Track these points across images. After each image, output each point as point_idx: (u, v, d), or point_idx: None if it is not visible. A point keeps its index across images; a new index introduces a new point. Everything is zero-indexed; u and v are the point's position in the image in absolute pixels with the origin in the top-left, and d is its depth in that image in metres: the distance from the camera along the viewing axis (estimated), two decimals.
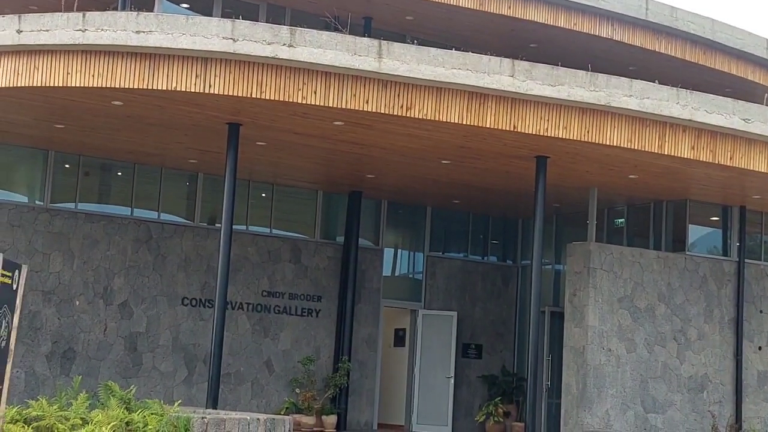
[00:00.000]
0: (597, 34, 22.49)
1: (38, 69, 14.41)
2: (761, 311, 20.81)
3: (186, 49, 13.74)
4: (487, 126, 14.68)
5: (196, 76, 13.77)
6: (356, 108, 14.23)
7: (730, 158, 16.68)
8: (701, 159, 16.40)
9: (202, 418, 11.65)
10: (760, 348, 20.49)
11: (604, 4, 22.41)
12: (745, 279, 20.54)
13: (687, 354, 19.56)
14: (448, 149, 16.82)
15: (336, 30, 16.46)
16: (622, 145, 15.65)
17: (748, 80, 25.05)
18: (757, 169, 16.99)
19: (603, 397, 18.42)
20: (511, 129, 14.74)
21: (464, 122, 14.63)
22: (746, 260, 20.72)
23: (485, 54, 15.78)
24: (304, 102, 13.92)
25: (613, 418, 18.45)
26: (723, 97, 17.87)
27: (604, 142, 15.50)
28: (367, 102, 14.24)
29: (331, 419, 19.53)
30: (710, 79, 23.77)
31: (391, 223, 23.10)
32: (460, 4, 21.10)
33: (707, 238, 21.58)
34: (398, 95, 14.49)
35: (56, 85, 14.24)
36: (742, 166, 16.86)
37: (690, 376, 19.47)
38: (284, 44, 13.76)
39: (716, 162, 16.57)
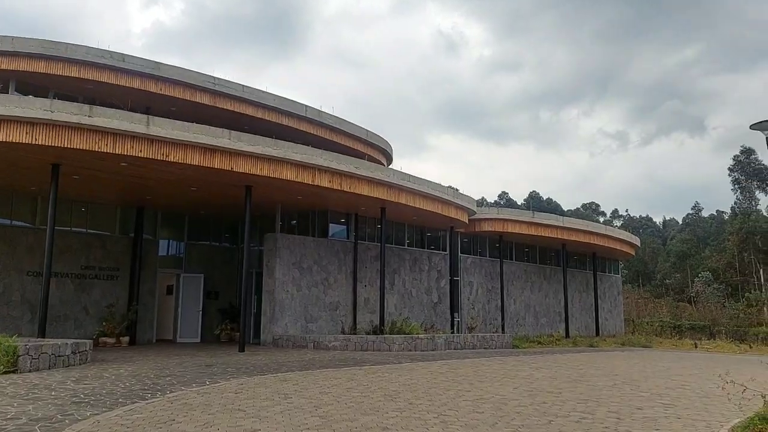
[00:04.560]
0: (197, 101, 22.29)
1: None
2: (366, 267, 23.83)
3: (18, 116, 13.75)
4: (215, 167, 16.36)
5: (26, 133, 13.92)
6: (133, 155, 14.98)
7: (349, 187, 19.37)
8: (334, 188, 19.03)
9: (26, 344, 11.85)
10: (365, 286, 23.60)
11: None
12: (357, 250, 23.64)
13: (329, 291, 22.52)
14: (194, 181, 18.02)
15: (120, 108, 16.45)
16: (293, 180, 17.94)
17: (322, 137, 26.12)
18: (363, 194, 19.91)
19: (283, 316, 21.07)
20: (230, 169, 16.62)
21: (203, 165, 16.10)
22: (358, 240, 23.78)
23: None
24: (99, 150, 14.52)
25: (289, 327, 21.16)
26: (341, 154, 20.40)
27: (283, 178, 17.74)
28: (140, 151, 15.08)
29: (125, 339, 19.90)
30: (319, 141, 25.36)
31: (164, 225, 23.39)
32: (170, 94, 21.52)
33: (340, 230, 23.84)
34: (160, 148, 15.38)
35: None
36: (356, 192, 19.61)
37: (330, 302, 22.53)
38: (86, 115, 14.35)
39: (342, 189, 19.23)
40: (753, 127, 8.74)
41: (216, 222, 24.72)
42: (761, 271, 60.27)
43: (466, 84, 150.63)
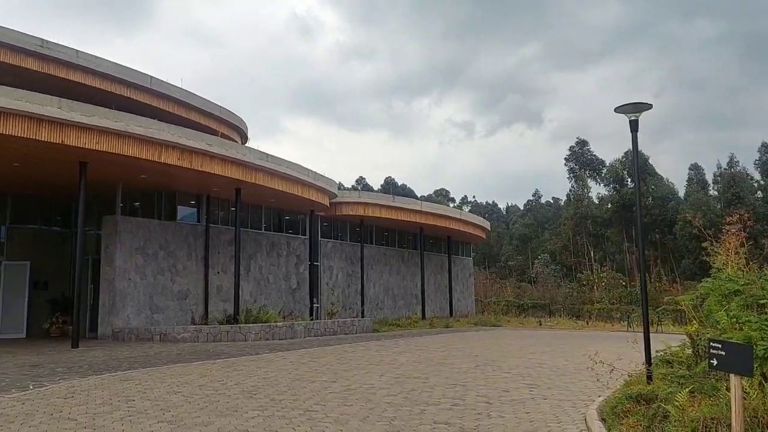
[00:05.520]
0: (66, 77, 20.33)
1: None
2: (218, 252, 22.50)
3: None
4: (43, 140, 14.43)
5: None
6: None
7: (201, 165, 18.11)
8: (183, 166, 17.68)
9: None
10: (217, 273, 22.28)
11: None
12: (209, 235, 22.20)
13: (177, 278, 20.97)
14: (17, 156, 15.84)
15: None
16: (136, 156, 16.38)
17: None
18: (216, 173, 18.64)
19: (125, 307, 19.31)
20: (60, 142, 14.77)
21: (27, 136, 14.13)
22: (210, 224, 22.33)
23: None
24: None
25: (132, 319, 19.44)
26: (194, 128, 19.27)
27: (124, 154, 16.13)
28: None
29: None
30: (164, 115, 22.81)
31: None
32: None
33: (190, 213, 22.21)
34: None
35: None
36: (208, 171, 18.36)
37: (179, 291, 21.01)
38: None
39: (192, 168, 17.94)
40: (617, 110, 8.91)
41: (45, 203, 22.02)
42: (592, 252, 66.06)
43: (322, 69, 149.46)
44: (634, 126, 8.82)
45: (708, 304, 8.75)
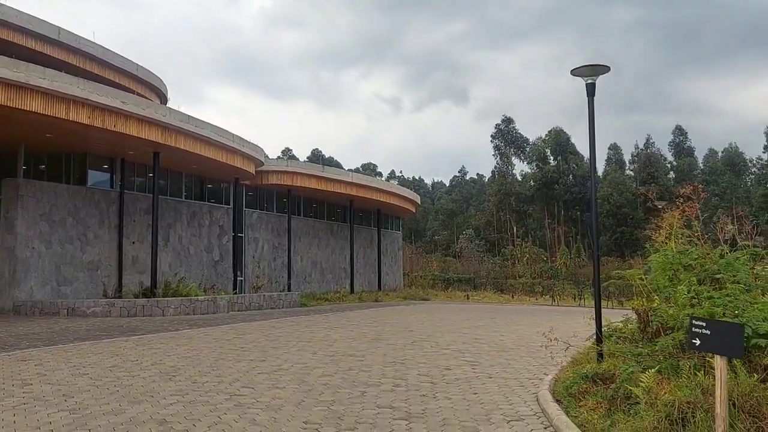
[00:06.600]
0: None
1: None
2: (134, 221, 21.07)
3: None
4: None
5: None
6: None
7: (115, 125, 16.75)
8: (95, 125, 16.29)
9: None
10: (133, 242, 20.91)
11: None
12: (124, 202, 20.75)
13: (87, 248, 19.49)
14: None
15: None
16: (40, 112, 14.90)
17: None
18: (132, 134, 17.29)
19: (28, 278, 17.82)
20: None
21: None
22: (125, 190, 20.87)
23: None
24: None
25: (36, 291, 17.94)
26: (107, 86, 17.73)
27: (26, 109, 14.61)
28: None
29: None
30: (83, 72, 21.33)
31: None
32: None
33: (102, 178, 20.72)
34: None
35: None
36: (123, 132, 17.02)
37: (90, 261, 19.54)
38: None
39: (105, 128, 16.54)
40: (573, 72, 8.41)
41: None
42: (515, 228, 67.43)
43: (248, 36, 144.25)
44: (590, 89, 8.36)
45: (655, 278, 8.53)
